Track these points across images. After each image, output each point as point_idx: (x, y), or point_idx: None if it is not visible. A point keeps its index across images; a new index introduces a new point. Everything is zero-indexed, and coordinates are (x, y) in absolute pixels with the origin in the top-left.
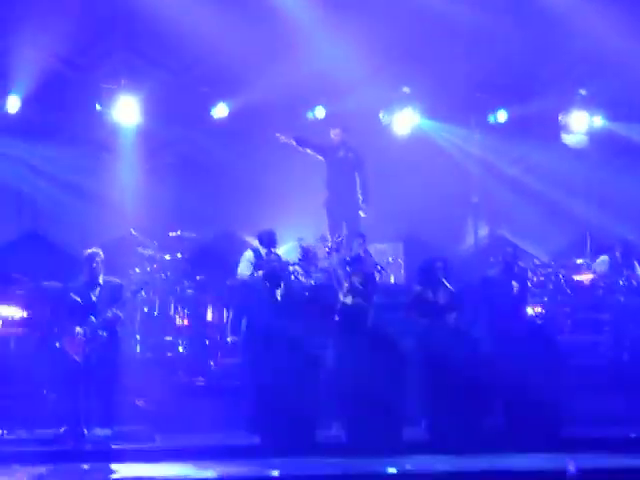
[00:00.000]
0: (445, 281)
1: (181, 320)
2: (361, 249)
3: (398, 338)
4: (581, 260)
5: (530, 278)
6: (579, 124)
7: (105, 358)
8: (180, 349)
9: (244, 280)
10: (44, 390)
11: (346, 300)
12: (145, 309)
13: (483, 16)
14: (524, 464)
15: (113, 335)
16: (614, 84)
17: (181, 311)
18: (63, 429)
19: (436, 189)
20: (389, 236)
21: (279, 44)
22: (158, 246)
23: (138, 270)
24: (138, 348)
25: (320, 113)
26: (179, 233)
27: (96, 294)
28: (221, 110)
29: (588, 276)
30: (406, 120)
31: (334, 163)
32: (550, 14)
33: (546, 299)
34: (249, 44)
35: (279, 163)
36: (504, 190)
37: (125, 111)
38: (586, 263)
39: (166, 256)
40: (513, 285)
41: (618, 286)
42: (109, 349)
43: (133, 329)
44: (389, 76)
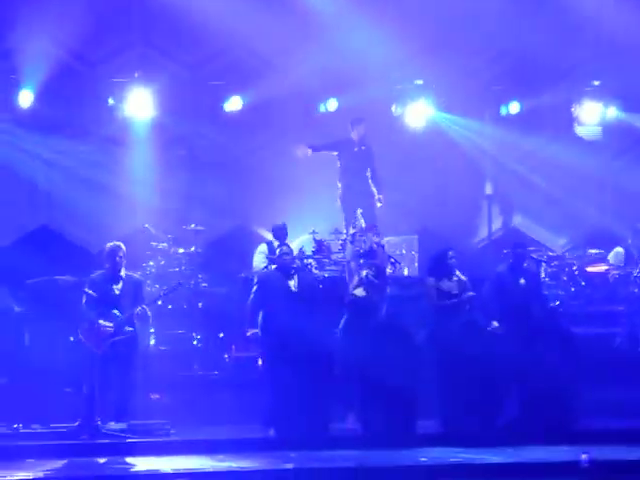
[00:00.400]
0: (458, 272)
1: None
2: (374, 242)
3: (411, 330)
4: (595, 251)
5: (542, 271)
6: (592, 115)
7: (125, 352)
8: (194, 342)
9: (258, 273)
10: (65, 387)
11: (357, 292)
12: (159, 302)
13: (495, 7)
14: (539, 456)
15: (134, 330)
16: (628, 75)
17: (195, 304)
18: (78, 423)
19: (450, 182)
20: (403, 229)
21: (293, 37)
22: (172, 240)
23: (152, 264)
24: (152, 341)
25: (332, 105)
26: (193, 227)
27: (119, 288)
28: (234, 103)
29: (601, 268)
30: (419, 113)
31: (349, 157)
32: (563, 5)
33: (561, 292)
34: (263, 37)
35: (292, 157)
36: (518, 182)
37: (138, 104)
38: (600, 255)
39: (180, 250)
40: (521, 279)
41: (632, 278)
42: (129, 344)
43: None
44: (402, 68)
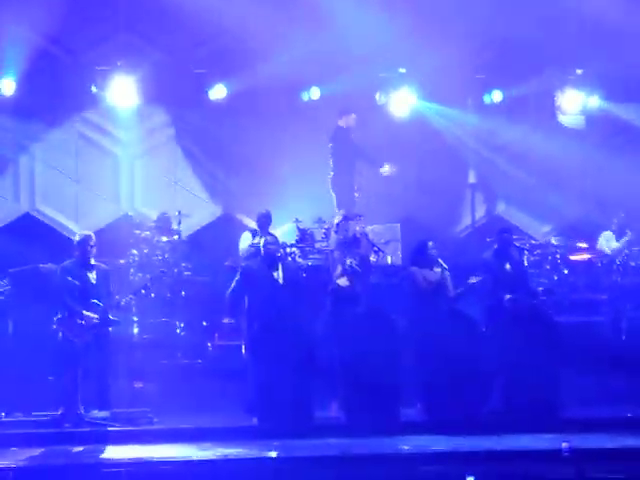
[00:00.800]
0: (440, 260)
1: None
2: (358, 231)
3: (394, 319)
4: (583, 245)
5: (526, 258)
6: (575, 104)
7: (104, 341)
8: (178, 331)
9: (242, 261)
10: (48, 376)
11: (340, 282)
12: (142, 291)
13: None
14: (522, 444)
15: (118, 321)
16: (611, 64)
17: (179, 293)
18: (60, 411)
19: (433, 170)
20: (386, 217)
21: (277, 24)
22: (155, 228)
23: (135, 252)
24: (136, 330)
25: (315, 94)
26: (176, 215)
27: (94, 277)
28: (218, 91)
29: (585, 256)
30: (402, 101)
31: (342, 146)
32: None
33: (544, 280)
34: (247, 24)
35: (276, 145)
36: (501, 170)
37: (121, 93)
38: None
39: (163, 238)
40: (507, 266)
41: (614, 266)
42: (107, 332)
43: (130, 311)
44: (385, 56)
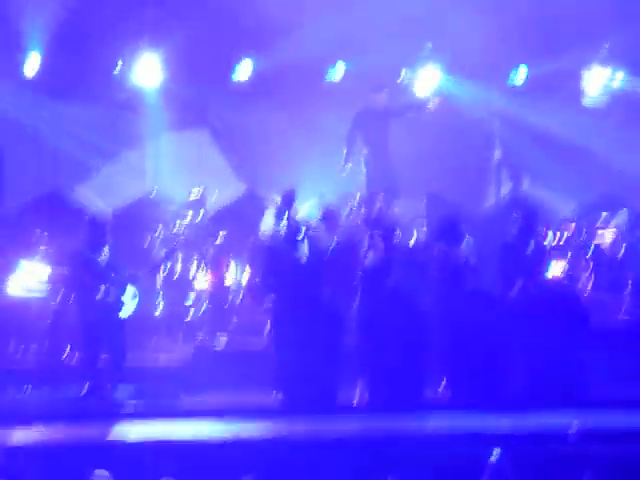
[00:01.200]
0: (468, 236)
1: (204, 280)
2: (383, 207)
3: (419, 297)
4: (605, 214)
5: (551, 236)
6: (599, 82)
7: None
8: (202, 308)
9: (266, 240)
10: (67, 347)
11: (366, 259)
12: (166, 269)
13: None
14: (546, 422)
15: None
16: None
17: (203, 271)
18: (86, 387)
19: (458, 146)
20: (412, 194)
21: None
22: (181, 204)
23: (161, 227)
24: (161, 306)
25: (340, 72)
26: (201, 191)
27: (105, 254)
28: (244, 69)
29: (610, 233)
30: (428, 78)
31: (376, 123)
32: None
33: (569, 255)
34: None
35: (301, 123)
36: (526, 148)
37: (146, 69)
38: (607, 219)
39: (189, 214)
40: (531, 244)
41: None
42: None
43: (155, 289)
44: (411, 33)
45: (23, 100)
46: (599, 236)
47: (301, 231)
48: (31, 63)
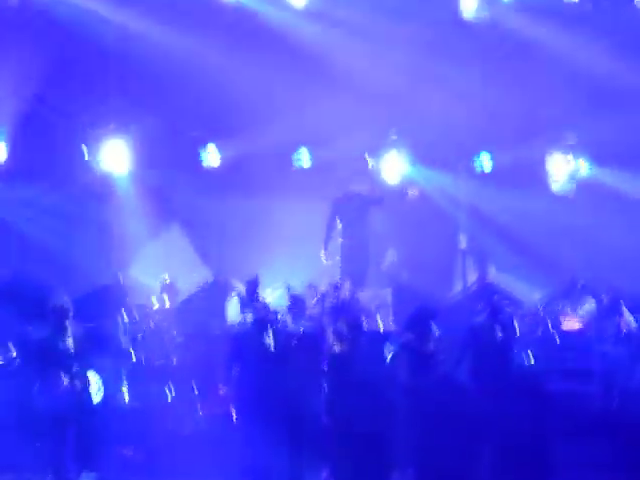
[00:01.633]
0: (435, 328)
1: (171, 367)
2: (349, 296)
3: (385, 386)
4: (568, 307)
5: (517, 325)
6: (565, 170)
7: (88, 406)
8: (168, 398)
9: (232, 328)
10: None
11: (332, 347)
12: (133, 358)
13: (466, 64)
14: None
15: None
16: (602, 130)
17: (170, 359)
18: (49, 475)
19: (423, 235)
20: (377, 282)
21: (272, 89)
22: (147, 293)
23: (126, 317)
24: (126, 397)
25: (306, 159)
26: (167, 280)
27: (73, 342)
28: (212, 156)
29: (576, 323)
30: (394, 166)
31: (356, 212)
32: (538, 59)
33: (531, 350)
34: (241, 89)
35: (267, 211)
36: (492, 236)
37: (113, 156)
38: (573, 309)
39: (154, 303)
40: (498, 332)
41: (606, 334)
42: (89, 397)
43: (121, 378)
44: (377, 122)
45: None
46: (565, 324)
47: (267, 319)
48: None
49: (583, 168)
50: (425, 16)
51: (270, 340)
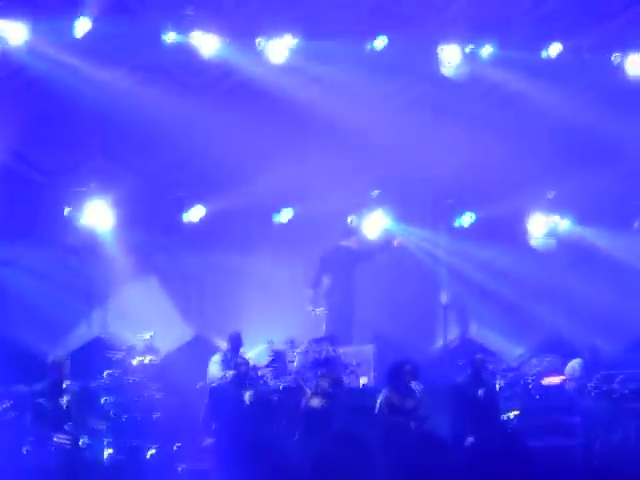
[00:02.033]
0: (415, 384)
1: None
2: (330, 352)
3: (365, 441)
4: (547, 362)
5: (498, 382)
6: (545, 227)
7: (74, 465)
8: (149, 453)
9: (213, 384)
10: None
11: (313, 402)
12: (112, 414)
13: (448, 121)
14: None
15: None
16: (582, 188)
17: (150, 415)
18: None
19: (405, 291)
20: (358, 339)
21: (253, 148)
22: (127, 350)
23: (106, 375)
24: (107, 453)
25: (286, 217)
26: (148, 337)
27: (66, 400)
28: (193, 214)
29: (557, 379)
30: (375, 223)
31: (342, 266)
32: (519, 114)
33: (516, 410)
34: (222, 147)
35: (248, 268)
36: (473, 291)
37: (96, 215)
38: (556, 366)
39: (135, 360)
40: (479, 392)
41: (587, 389)
42: (77, 457)
43: (102, 433)
44: (358, 179)
45: None
46: (545, 380)
47: (248, 374)
48: None
49: (563, 225)
50: (407, 73)
51: (249, 396)
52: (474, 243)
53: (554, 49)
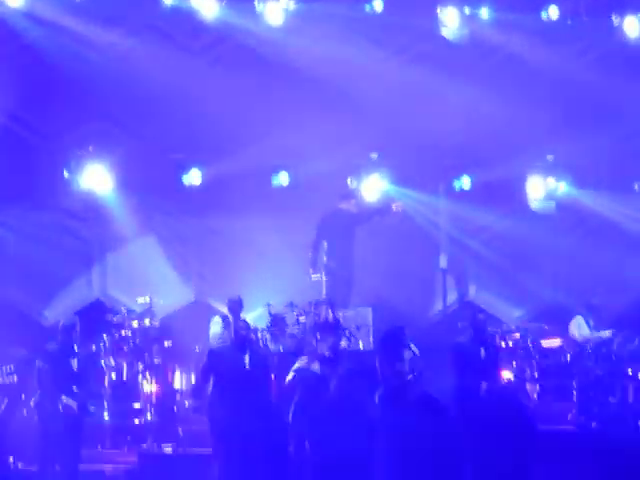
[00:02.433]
0: (412, 346)
1: (149, 387)
2: (330, 315)
3: (365, 406)
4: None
5: (499, 344)
6: (545, 190)
7: (78, 430)
8: (148, 416)
9: (212, 347)
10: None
11: (313, 366)
12: (113, 376)
13: (447, 82)
14: None
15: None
16: (581, 151)
17: (149, 378)
18: None
19: (404, 255)
20: (357, 302)
21: (251, 110)
22: (127, 313)
23: (106, 337)
24: (106, 415)
25: (284, 179)
26: (147, 300)
27: (76, 363)
28: (193, 177)
29: (556, 342)
30: (374, 186)
31: (341, 230)
32: (518, 77)
33: (515, 364)
34: (221, 110)
35: (247, 231)
36: (472, 255)
37: (94, 178)
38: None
39: (134, 323)
40: (481, 351)
41: (586, 352)
42: (82, 421)
43: (101, 396)
44: (358, 141)
45: None
46: (546, 343)
47: (247, 337)
48: None
49: (562, 188)
50: (406, 34)
51: (249, 359)
52: (473, 206)
53: (553, 11)
